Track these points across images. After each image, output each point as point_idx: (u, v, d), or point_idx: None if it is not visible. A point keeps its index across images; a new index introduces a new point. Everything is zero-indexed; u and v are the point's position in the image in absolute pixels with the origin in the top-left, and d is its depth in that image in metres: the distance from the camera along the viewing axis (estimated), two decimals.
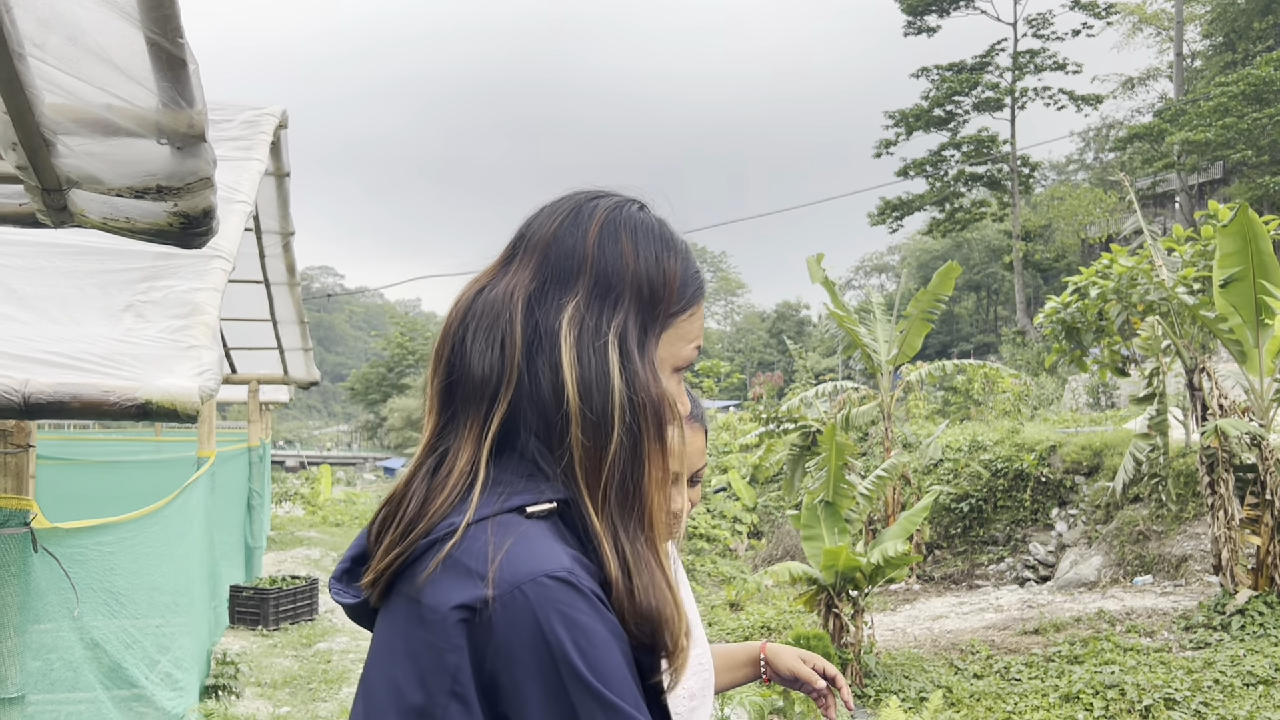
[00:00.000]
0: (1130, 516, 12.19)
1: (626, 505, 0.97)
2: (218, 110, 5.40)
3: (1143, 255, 9.78)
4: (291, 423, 79.30)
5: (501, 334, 0.98)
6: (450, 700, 0.87)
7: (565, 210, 1.06)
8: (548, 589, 0.87)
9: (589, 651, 0.86)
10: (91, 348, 2.51)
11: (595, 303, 1.00)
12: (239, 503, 9.71)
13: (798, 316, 64.68)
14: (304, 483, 24.42)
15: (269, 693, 7.04)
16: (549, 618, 0.86)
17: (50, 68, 1.56)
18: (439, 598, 0.88)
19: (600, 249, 1.02)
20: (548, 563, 0.88)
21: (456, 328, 1.01)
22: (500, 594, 0.86)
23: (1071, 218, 34.78)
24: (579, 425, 0.95)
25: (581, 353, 0.97)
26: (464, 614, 0.87)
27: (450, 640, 0.87)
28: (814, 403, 15.16)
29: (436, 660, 0.87)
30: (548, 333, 0.98)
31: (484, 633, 0.86)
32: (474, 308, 1.01)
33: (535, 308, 1.00)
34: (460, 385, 0.98)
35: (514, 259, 1.05)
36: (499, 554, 0.88)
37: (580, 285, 1.00)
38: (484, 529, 0.91)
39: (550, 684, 0.85)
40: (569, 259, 1.01)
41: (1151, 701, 7.20)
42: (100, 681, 3.40)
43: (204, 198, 1.90)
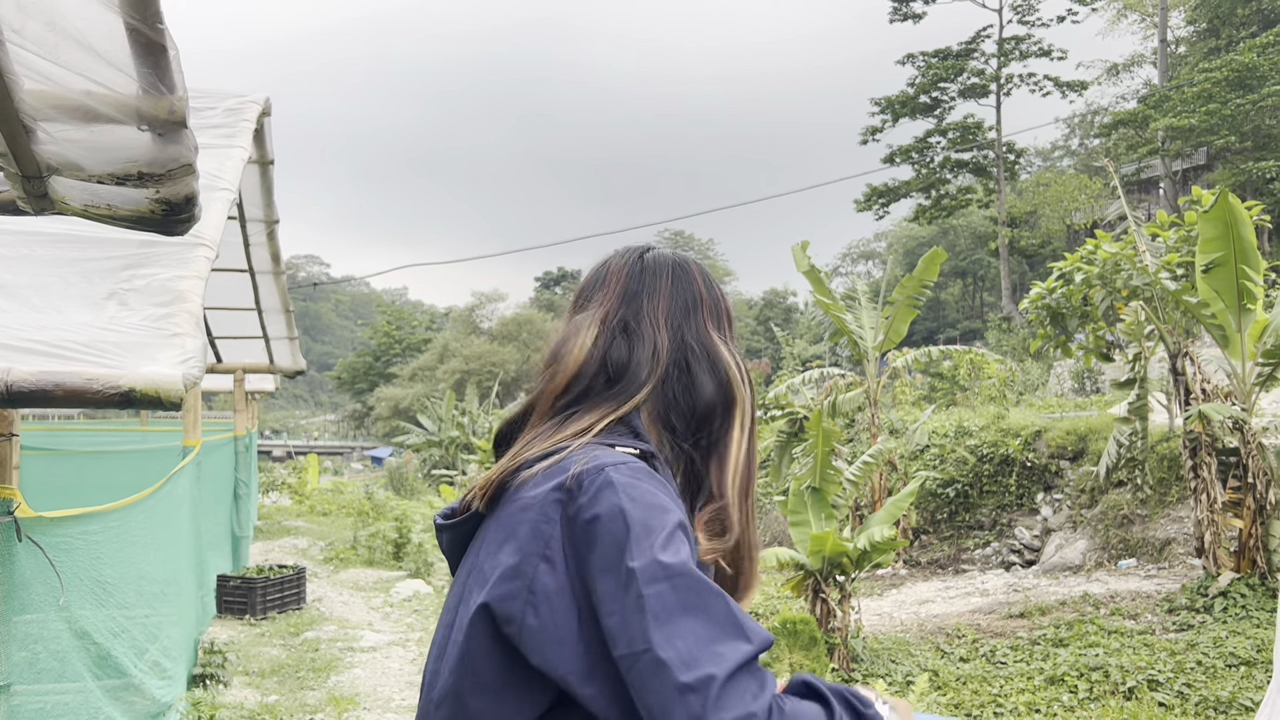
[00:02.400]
0: (1114, 500, 12.28)
1: (748, 474, 1.31)
2: (201, 98, 5.37)
3: (1127, 241, 9.82)
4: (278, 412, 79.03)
5: (653, 341, 1.30)
6: (540, 561, 1.06)
7: (668, 265, 1.41)
8: (623, 468, 1.11)
9: (647, 515, 1.06)
10: (74, 336, 2.50)
11: (714, 322, 1.38)
12: (225, 492, 9.68)
13: (785, 304, 64.71)
14: (291, 472, 24.35)
15: (257, 681, 7.04)
16: (622, 482, 1.08)
17: (29, 53, 1.55)
18: (540, 490, 1.11)
19: (707, 290, 1.41)
20: (620, 456, 1.14)
21: (598, 352, 1.29)
22: (588, 472, 1.09)
23: (1057, 204, 34.89)
24: (728, 411, 1.31)
25: (728, 357, 1.34)
26: (558, 494, 1.09)
27: (546, 514, 1.08)
28: (801, 389, 15.20)
29: (533, 530, 1.08)
30: (698, 344, 1.33)
31: (573, 508, 1.07)
32: (610, 333, 1.31)
33: (673, 327, 1.33)
34: (604, 385, 1.27)
35: (627, 299, 1.35)
36: (585, 456, 1.13)
37: (704, 313, 1.37)
38: (581, 450, 1.16)
39: (618, 526, 1.04)
40: (692, 297, 1.38)
41: (1135, 683, 7.27)
42: (89, 671, 3.39)
43: (186, 184, 1.90)
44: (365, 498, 18.43)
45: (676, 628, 0.97)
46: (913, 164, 39.16)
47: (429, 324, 65.84)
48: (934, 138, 38.58)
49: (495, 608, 1.06)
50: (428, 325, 65.30)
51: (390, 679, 7.38)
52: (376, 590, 10.87)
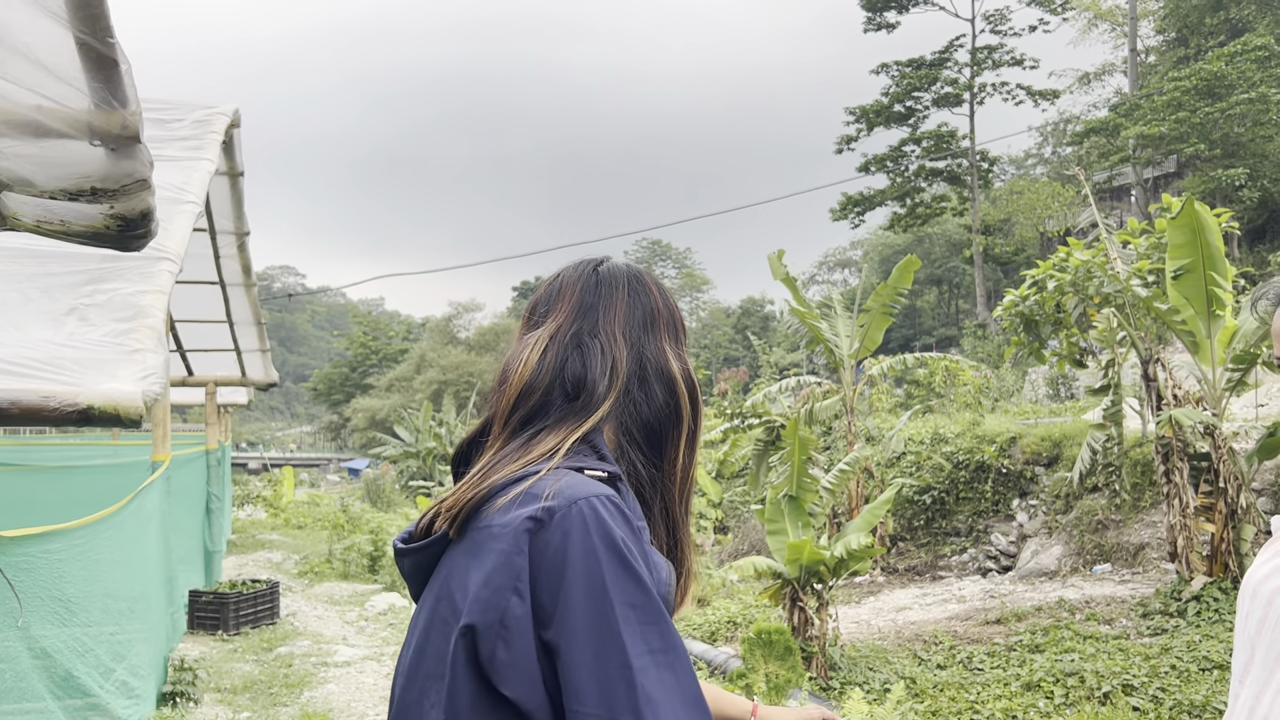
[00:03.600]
0: (1089, 506, 12.36)
1: (686, 484, 1.32)
2: (168, 109, 5.32)
3: (1099, 248, 9.90)
4: (254, 424, 78.44)
5: (611, 357, 1.28)
6: (511, 595, 1.05)
7: (622, 277, 1.39)
8: (597, 502, 1.09)
9: (627, 550, 1.06)
10: (32, 352, 2.46)
11: (671, 337, 1.37)
12: (197, 507, 9.59)
13: (762, 312, 64.86)
14: (266, 485, 24.15)
15: (229, 698, 6.96)
16: (597, 524, 1.06)
17: None
18: (512, 517, 1.09)
19: (663, 302, 1.39)
20: (599, 488, 1.12)
21: (550, 367, 1.27)
22: (560, 505, 1.07)
23: (1030, 212, 35.16)
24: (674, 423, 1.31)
25: (683, 373, 1.34)
26: (530, 524, 1.07)
27: (519, 545, 1.06)
28: (778, 398, 15.22)
29: (505, 562, 1.06)
30: (654, 361, 1.32)
31: (544, 537, 1.06)
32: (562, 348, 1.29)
33: (630, 342, 1.32)
34: (559, 402, 1.25)
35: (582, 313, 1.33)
36: (557, 486, 1.10)
37: (661, 327, 1.36)
38: (552, 475, 1.14)
39: (592, 566, 1.04)
40: (648, 311, 1.37)
41: (1110, 688, 7.31)
42: (50, 691, 3.33)
43: (141, 199, 1.87)
44: (341, 510, 18.30)
45: (662, 710, 0.99)
46: (887, 172, 39.37)
47: (406, 334, 65.57)
48: (908, 146, 38.81)
49: (474, 634, 1.06)
50: (404, 336, 65.04)
51: (364, 694, 7.31)
52: (351, 604, 10.78)
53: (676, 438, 1.30)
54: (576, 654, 1.00)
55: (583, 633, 1.01)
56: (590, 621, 1.01)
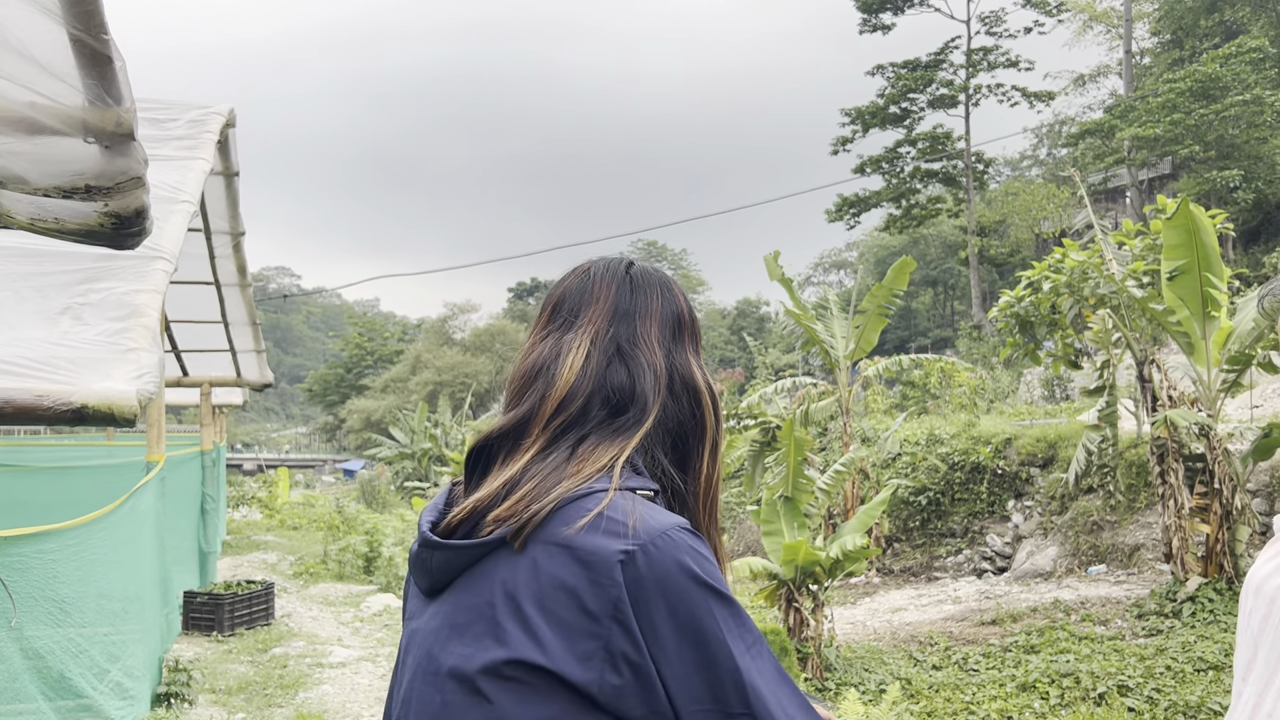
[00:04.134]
0: (1084, 507, 12.37)
1: (712, 494, 1.32)
2: (163, 109, 5.30)
3: (1094, 250, 9.92)
4: (249, 425, 78.31)
5: (654, 369, 1.27)
6: (613, 624, 1.06)
7: (656, 283, 1.37)
8: (678, 535, 1.12)
9: (711, 571, 1.12)
10: (26, 351, 2.45)
11: (693, 345, 1.35)
12: (192, 507, 9.56)
13: (758, 313, 64.87)
14: (261, 486, 24.11)
15: (223, 699, 6.94)
16: (683, 554, 1.11)
17: None
18: (599, 544, 1.09)
19: (688, 308, 1.38)
20: (673, 519, 1.14)
21: (593, 374, 1.25)
22: (646, 542, 1.09)
23: (1025, 213, 35.19)
24: (697, 437, 1.29)
25: (707, 384, 1.32)
26: (622, 556, 1.08)
27: (612, 577, 1.07)
28: (774, 399, 15.22)
29: (602, 594, 1.07)
30: (682, 372, 1.30)
31: (635, 572, 1.08)
32: (606, 356, 1.27)
33: (665, 352, 1.30)
34: (601, 413, 1.23)
35: (619, 318, 1.31)
36: (633, 515, 1.12)
37: (686, 335, 1.35)
38: (621, 499, 1.14)
39: (685, 596, 1.09)
40: (676, 317, 1.35)
41: (1105, 689, 7.31)
42: (42, 692, 3.32)
43: (136, 197, 1.86)
44: (336, 511, 18.27)
45: (771, 704, 1.09)
46: (883, 174, 39.40)
47: (401, 335, 65.52)
48: (904, 148, 38.85)
49: (566, 672, 1.06)
50: (400, 336, 64.99)
51: (359, 695, 7.29)
52: (346, 605, 10.77)
53: (701, 449, 1.30)
54: (685, 667, 1.08)
55: (689, 651, 1.08)
56: (693, 641, 1.08)
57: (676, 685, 1.07)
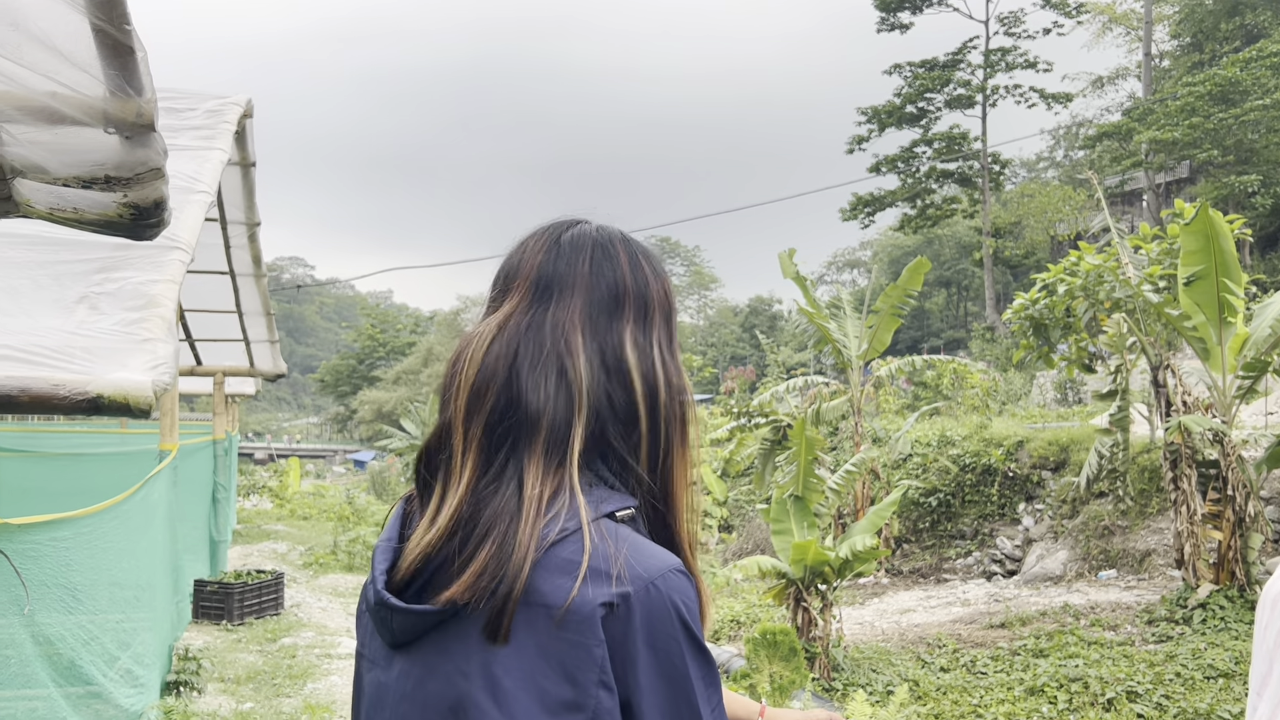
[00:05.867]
0: (1096, 511, 12.32)
1: (676, 502, 1.14)
2: (181, 99, 5.32)
3: (1110, 253, 9.86)
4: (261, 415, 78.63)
5: (560, 366, 1.07)
6: (599, 689, 0.97)
7: (587, 246, 1.16)
8: (672, 580, 1.02)
9: (698, 623, 1.03)
10: (43, 340, 2.46)
11: (641, 323, 1.14)
12: (203, 496, 9.60)
13: (770, 311, 64.83)
14: (272, 475, 24.20)
15: (232, 688, 6.97)
16: (675, 602, 1.01)
17: None
18: (577, 601, 0.97)
19: (634, 277, 1.16)
20: (666, 560, 1.03)
21: (500, 368, 1.08)
22: (637, 590, 0.99)
23: (1041, 215, 35.06)
24: (648, 434, 1.11)
25: (646, 371, 1.11)
26: (604, 610, 0.97)
27: (595, 635, 0.97)
28: (785, 397, 15.21)
29: (585, 656, 0.97)
30: (613, 357, 1.10)
31: (620, 624, 0.98)
32: (512, 346, 1.09)
33: (589, 337, 1.10)
34: (517, 418, 1.06)
35: (539, 294, 1.13)
36: (616, 558, 1.00)
37: (627, 311, 1.13)
38: (598, 536, 1.01)
39: (674, 650, 1.00)
40: (612, 289, 1.14)
41: (1114, 694, 7.28)
42: (53, 679, 3.34)
43: (155, 188, 1.86)
44: (346, 502, 18.34)
45: None
46: (898, 173, 39.32)
47: (413, 327, 65.70)
48: (920, 148, 38.75)
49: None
50: (412, 329, 65.17)
51: None
52: (356, 596, 10.79)
53: (659, 448, 1.12)
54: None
55: (662, 710, 1.00)
56: (669, 700, 1.00)
57: None
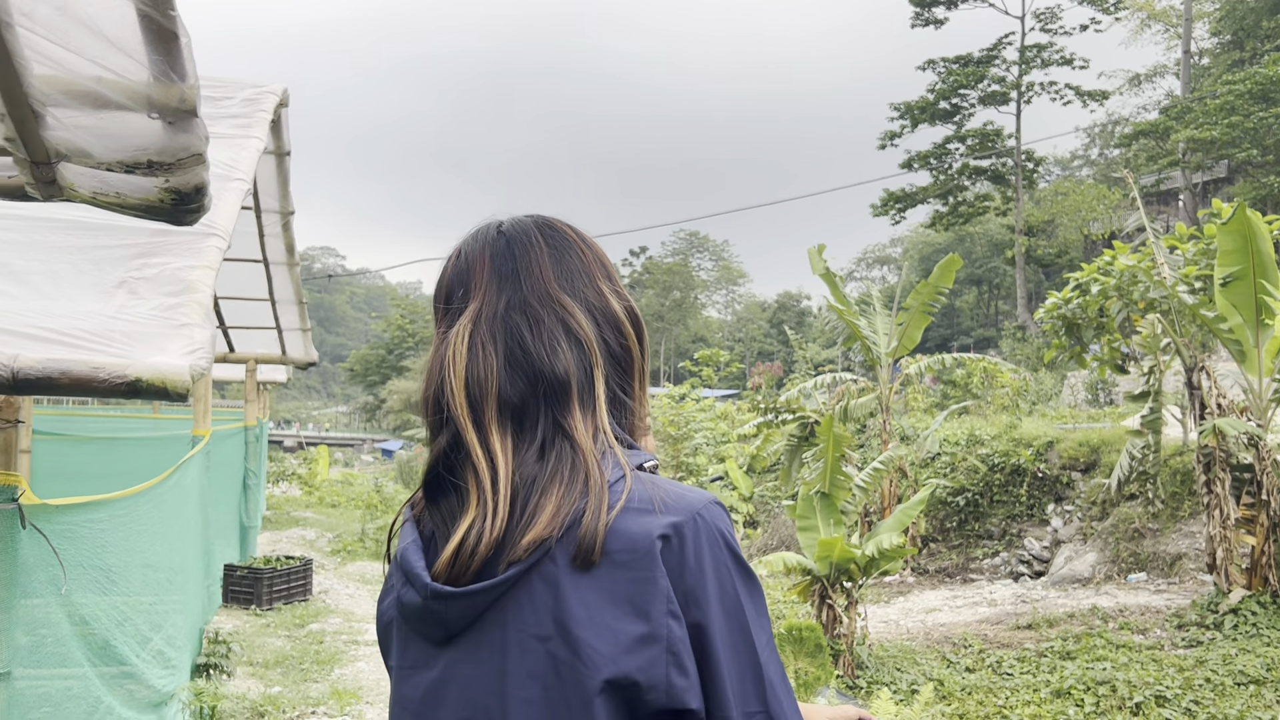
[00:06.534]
0: (1126, 514, 12.19)
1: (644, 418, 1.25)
2: (218, 87, 5.37)
3: (1145, 253, 9.75)
4: (290, 402, 79.34)
5: (564, 326, 1.17)
6: (669, 619, 1.01)
7: (530, 229, 1.25)
8: (715, 510, 1.08)
9: (740, 550, 1.09)
10: (83, 324, 2.49)
11: (604, 274, 1.24)
12: (234, 482, 9.70)
13: (799, 307, 64.60)
14: (301, 463, 24.42)
15: (260, 672, 7.05)
16: (721, 530, 1.07)
17: (39, 38, 1.53)
18: (633, 535, 1.03)
19: (582, 240, 1.26)
20: (703, 494, 1.09)
21: (492, 353, 1.14)
22: (687, 520, 1.04)
23: (1075, 213, 34.72)
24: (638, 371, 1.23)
25: (629, 314, 1.23)
26: (661, 542, 1.02)
27: (657, 566, 1.01)
28: (813, 394, 15.15)
29: (651, 589, 1.01)
30: (600, 308, 1.20)
31: (675, 555, 1.03)
32: (497, 330, 1.16)
33: (572, 296, 1.19)
34: (543, 388, 1.13)
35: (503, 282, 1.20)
36: (659, 495, 1.06)
37: (593, 267, 1.23)
38: (637, 481, 1.08)
39: (725, 576, 1.05)
40: (574, 252, 1.24)
41: (1142, 699, 7.21)
42: (88, 659, 3.39)
43: (196, 174, 1.88)
44: (374, 490, 18.46)
45: (782, 698, 1.07)
46: (931, 170, 39.06)
47: None
48: (953, 144, 38.47)
49: (636, 679, 1.00)
50: None
51: None
52: (383, 584, 10.87)
53: (632, 377, 1.22)
54: (719, 660, 1.03)
55: (724, 641, 1.03)
56: (729, 629, 1.04)
57: (710, 677, 1.03)
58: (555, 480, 1.07)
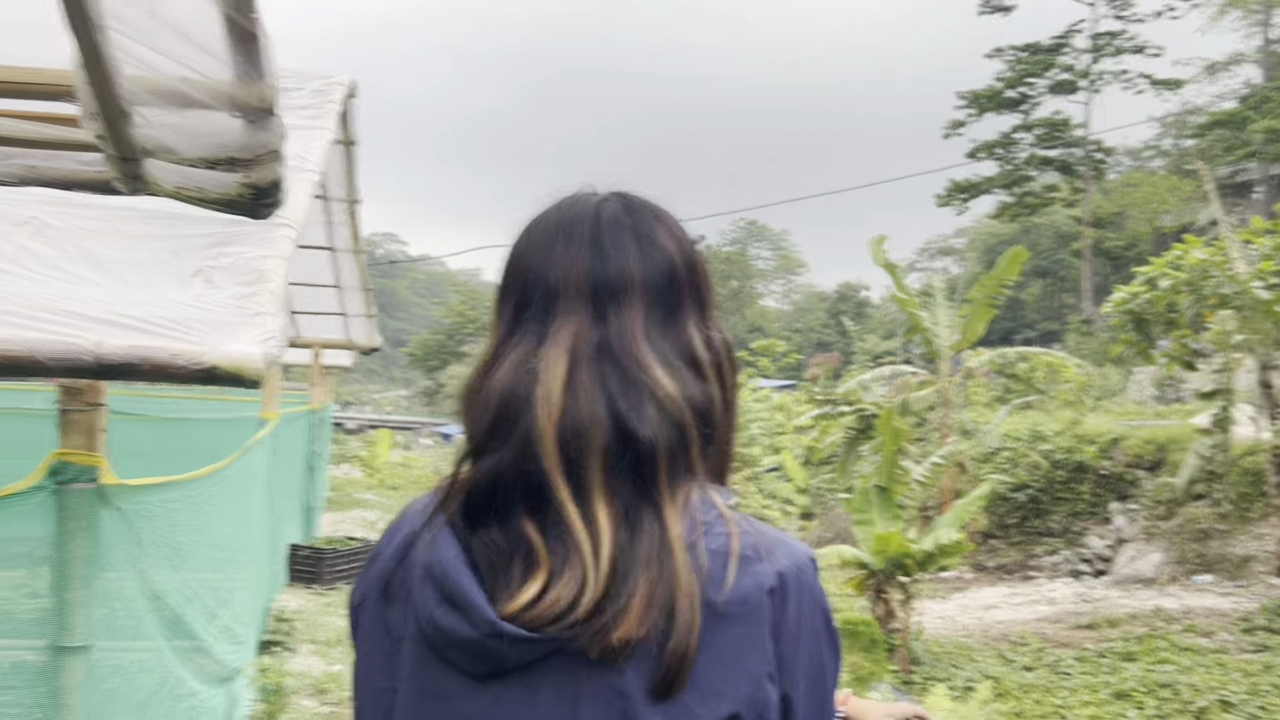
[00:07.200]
0: (1193, 514, 11.93)
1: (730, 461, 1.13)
2: (288, 79, 5.47)
3: (1218, 247, 9.52)
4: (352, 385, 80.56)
5: (649, 391, 0.98)
6: (768, 683, 0.95)
7: (627, 235, 1.06)
8: (813, 569, 1.02)
9: (830, 610, 1.04)
10: (162, 311, 2.58)
11: (697, 305, 1.08)
12: (299, 464, 9.91)
13: (858, 298, 63.96)
14: (363, 445, 24.83)
15: (323, 650, 7.22)
16: (819, 595, 1.01)
17: (129, 40, 1.60)
18: (745, 590, 0.95)
19: (680, 255, 1.09)
20: (801, 545, 1.03)
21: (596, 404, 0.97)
22: (793, 571, 0.98)
23: (1145, 205, 33.95)
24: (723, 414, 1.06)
25: (716, 359, 1.06)
26: (768, 598, 0.96)
27: (764, 624, 0.95)
28: (871, 386, 15.04)
29: (759, 648, 0.95)
30: (684, 354, 1.03)
31: (779, 608, 0.96)
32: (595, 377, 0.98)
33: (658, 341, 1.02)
34: (632, 456, 0.96)
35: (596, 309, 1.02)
36: (761, 542, 0.98)
37: (685, 298, 1.07)
38: (739, 523, 0.99)
39: (816, 648, 1.00)
40: (667, 278, 1.06)
41: (1206, 703, 7.07)
42: (162, 632, 3.52)
43: (273, 170, 1.94)
44: (435, 473, 18.71)
45: None
46: (997, 160, 38.44)
47: None
48: (1020, 134, 37.82)
49: None
50: None
51: None
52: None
53: (728, 420, 1.08)
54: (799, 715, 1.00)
55: (805, 713, 0.99)
56: (810, 703, 1.00)
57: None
58: (645, 566, 0.93)
